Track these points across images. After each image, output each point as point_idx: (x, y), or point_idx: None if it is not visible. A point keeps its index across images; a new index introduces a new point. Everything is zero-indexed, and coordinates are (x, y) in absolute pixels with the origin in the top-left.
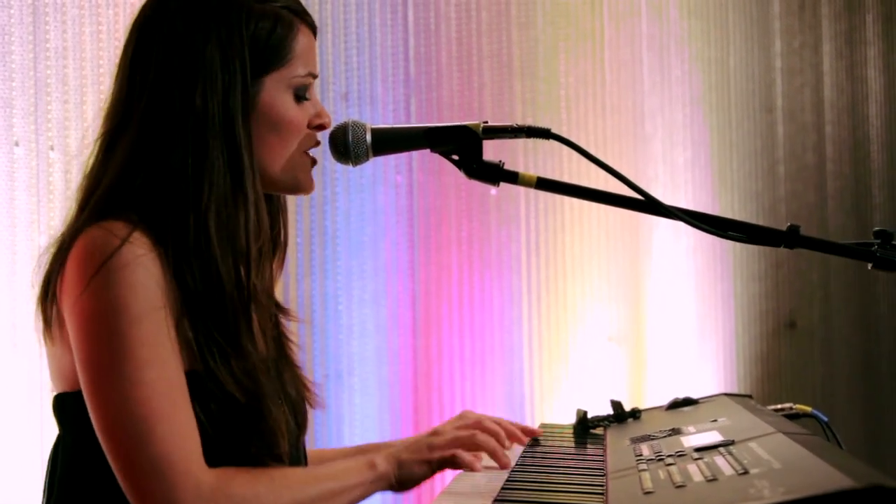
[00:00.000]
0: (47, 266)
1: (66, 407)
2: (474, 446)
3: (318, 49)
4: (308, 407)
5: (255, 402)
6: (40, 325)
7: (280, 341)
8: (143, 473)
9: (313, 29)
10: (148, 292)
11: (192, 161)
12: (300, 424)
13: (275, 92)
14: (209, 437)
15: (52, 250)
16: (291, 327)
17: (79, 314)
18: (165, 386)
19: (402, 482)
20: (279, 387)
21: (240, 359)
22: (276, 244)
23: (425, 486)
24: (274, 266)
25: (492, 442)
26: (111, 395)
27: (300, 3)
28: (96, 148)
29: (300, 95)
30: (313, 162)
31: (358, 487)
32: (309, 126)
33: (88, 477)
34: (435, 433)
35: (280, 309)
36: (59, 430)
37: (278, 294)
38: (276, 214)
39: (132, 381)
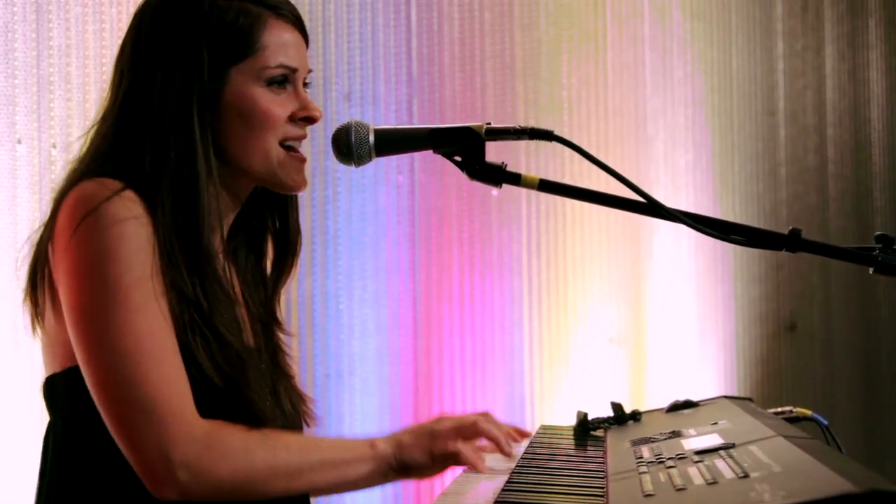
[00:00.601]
0: (32, 252)
1: (57, 389)
2: (477, 434)
3: (319, 48)
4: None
5: (235, 389)
6: (27, 318)
7: (275, 352)
8: (137, 416)
9: (294, 22)
10: (140, 248)
11: (149, 156)
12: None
13: (242, 83)
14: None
15: (36, 236)
16: (293, 329)
17: (71, 260)
18: (157, 330)
19: (403, 466)
20: (269, 385)
21: (218, 343)
22: (283, 249)
23: (424, 489)
24: (281, 268)
25: (494, 430)
26: (104, 340)
27: None
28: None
29: (274, 82)
30: (300, 160)
31: (356, 463)
32: (293, 119)
33: (79, 459)
34: (438, 420)
35: (275, 320)
36: (50, 415)
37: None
38: (275, 211)
39: (125, 322)
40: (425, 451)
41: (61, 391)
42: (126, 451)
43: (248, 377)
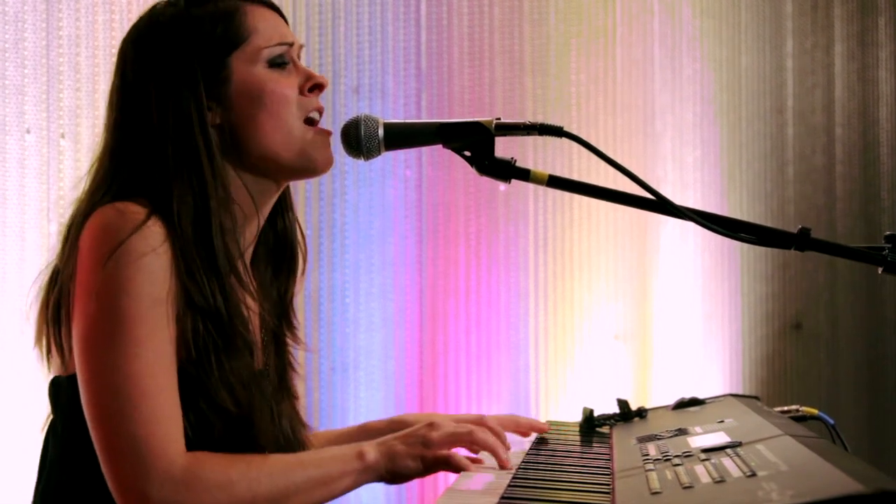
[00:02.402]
0: (45, 289)
1: (60, 391)
2: (471, 444)
3: (329, 41)
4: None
5: (242, 411)
6: (41, 353)
7: (284, 371)
8: (119, 451)
9: (268, 5)
10: (155, 282)
11: (156, 170)
12: None
13: (245, 69)
14: (191, 438)
15: (48, 274)
16: (299, 322)
17: (85, 290)
18: (156, 367)
19: (394, 475)
20: (273, 408)
21: (235, 360)
22: (280, 250)
23: (428, 484)
24: (288, 273)
25: (491, 439)
26: (103, 368)
27: None
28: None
29: (276, 63)
30: (325, 133)
31: (344, 477)
32: (303, 92)
33: (78, 461)
34: (432, 426)
35: (289, 326)
36: (52, 414)
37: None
38: (275, 218)
39: (125, 356)
40: (417, 459)
41: (65, 394)
42: (109, 484)
43: (256, 401)
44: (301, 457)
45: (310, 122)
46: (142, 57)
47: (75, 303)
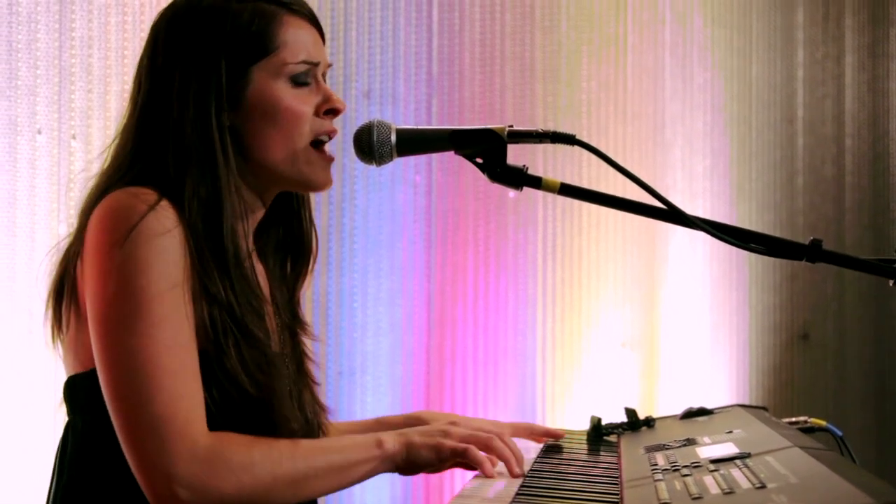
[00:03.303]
0: (59, 265)
1: (78, 388)
2: (489, 449)
3: (340, 46)
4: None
5: (263, 395)
6: (48, 330)
7: (301, 359)
8: (143, 431)
9: (309, 18)
10: (170, 261)
11: (172, 159)
12: None
13: (265, 82)
14: (213, 417)
15: (62, 249)
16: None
17: (101, 272)
18: (176, 346)
19: (409, 465)
20: (295, 393)
21: (249, 347)
22: (293, 247)
23: (433, 488)
24: (298, 271)
25: (507, 451)
26: (122, 349)
27: None
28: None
29: (298, 82)
30: (328, 158)
31: (363, 464)
32: (318, 113)
33: (98, 459)
34: (454, 423)
35: (299, 322)
36: (70, 413)
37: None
38: (291, 217)
39: (145, 335)
40: (433, 451)
41: (83, 391)
42: (132, 465)
43: (276, 383)
44: (322, 442)
45: (317, 143)
46: (173, 39)
47: (88, 285)
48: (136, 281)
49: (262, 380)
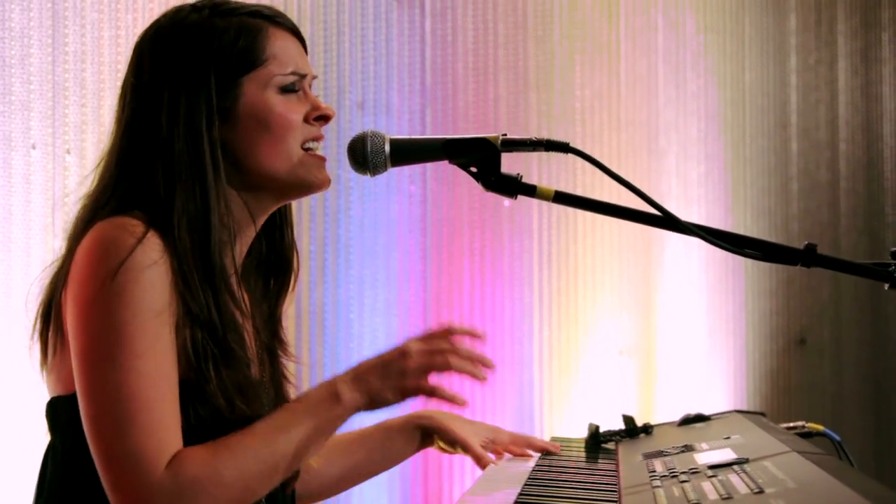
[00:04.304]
0: (47, 289)
1: (59, 411)
2: (447, 370)
3: (334, 57)
4: None
5: (242, 420)
6: (36, 355)
7: (280, 383)
8: (116, 463)
9: (292, 30)
10: (155, 293)
11: (162, 178)
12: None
13: (256, 93)
14: (191, 437)
15: (51, 273)
16: (303, 337)
17: (85, 304)
18: (157, 377)
19: (374, 408)
20: None
21: (230, 370)
22: (275, 264)
23: (432, 488)
24: (279, 288)
25: (467, 364)
26: (103, 381)
27: (272, 9)
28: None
29: (286, 90)
30: (321, 158)
31: (327, 425)
32: (308, 120)
33: (78, 482)
34: (404, 354)
35: (279, 342)
36: (51, 435)
37: (290, 305)
38: (273, 233)
39: (125, 369)
40: (395, 391)
41: (64, 414)
42: (109, 496)
43: (255, 408)
44: (279, 419)
45: (306, 148)
46: (159, 58)
47: (72, 315)
48: (119, 315)
49: (241, 404)
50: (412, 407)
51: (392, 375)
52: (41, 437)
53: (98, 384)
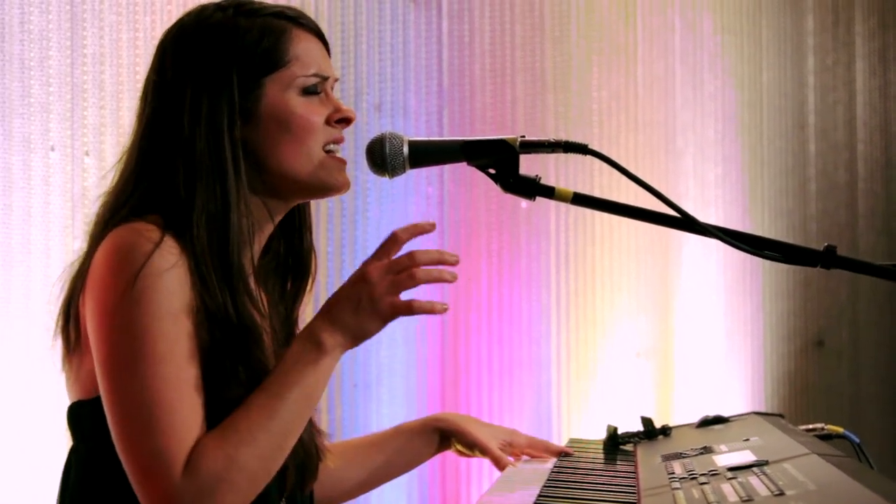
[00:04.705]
0: (68, 286)
1: (82, 415)
2: (416, 283)
3: (351, 59)
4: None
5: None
6: (59, 354)
7: None
8: (143, 466)
9: (316, 32)
10: (174, 296)
11: (183, 178)
12: (310, 470)
13: (278, 94)
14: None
15: (72, 271)
16: None
17: (105, 311)
18: (178, 381)
19: (358, 341)
20: None
21: (248, 368)
22: (294, 267)
23: (450, 489)
24: (296, 290)
25: (434, 272)
26: (126, 386)
27: (296, 10)
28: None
29: (308, 91)
30: (341, 161)
31: (319, 377)
32: (329, 122)
33: (102, 486)
34: (366, 279)
35: None
36: (73, 440)
37: (308, 306)
38: (292, 234)
39: (147, 374)
40: (375, 319)
41: (87, 418)
42: (138, 497)
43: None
44: (273, 389)
45: (327, 151)
46: (182, 56)
47: (92, 321)
48: (139, 320)
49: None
50: (429, 409)
51: (364, 306)
52: (62, 439)
53: (121, 390)
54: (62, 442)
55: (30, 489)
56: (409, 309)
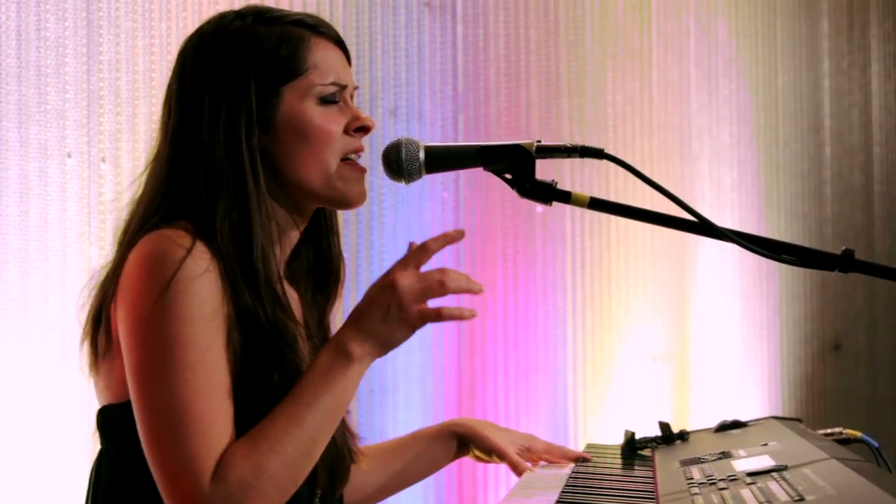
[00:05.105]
0: (97, 293)
1: (112, 419)
2: (445, 293)
3: (366, 64)
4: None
5: None
6: (85, 360)
7: None
8: (171, 474)
9: (336, 40)
10: (205, 303)
11: (204, 185)
12: (341, 473)
13: (296, 102)
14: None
15: (101, 277)
16: None
17: (137, 318)
18: (209, 387)
19: (387, 350)
20: None
21: (283, 372)
22: (323, 271)
23: (467, 492)
24: (327, 294)
25: (463, 283)
26: (157, 393)
27: (316, 18)
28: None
29: (326, 101)
30: (360, 170)
31: (347, 386)
32: (348, 131)
33: (132, 490)
34: (394, 287)
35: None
36: (103, 443)
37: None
38: (319, 240)
39: (178, 381)
40: (404, 327)
41: (116, 422)
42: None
43: None
44: (302, 398)
45: (346, 160)
46: (201, 64)
47: (124, 328)
48: (171, 327)
49: None
50: (445, 414)
51: (393, 313)
52: (82, 444)
53: (152, 397)
54: (80, 444)
55: (51, 493)
56: (439, 316)
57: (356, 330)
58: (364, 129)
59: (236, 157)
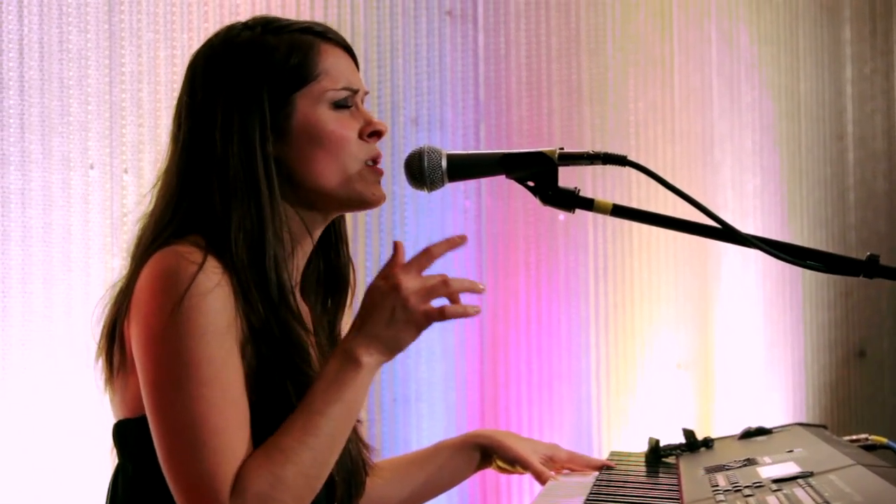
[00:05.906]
0: (111, 308)
1: (128, 434)
2: (448, 294)
3: (387, 73)
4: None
5: None
6: (101, 375)
7: None
8: (188, 489)
9: (344, 46)
10: (219, 318)
11: (218, 196)
12: (357, 483)
13: (309, 109)
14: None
15: (115, 292)
16: None
17: (151, 335)
18: (223, 403)
19: (395, 353)
20: None
21: (296, 384)
22: (333, 281)
23: (490, 494)
24: (337, 304)
25: (466, 282)
26: (173, 409)
27: (323, 25)
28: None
29: (339, 105)
30: (379, 172)
31: (358, 392)
32: (362, 136)
33: (148, 502)
34: (397, 289)
35: None
36: (119, 458)
37: (348, 320)
38: (329, 250)
39: (193, 397)
40: (410, 329)
41: (132, 437)
42: None
43: None
44: (313, 407)
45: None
46: (212, 76)
47: (137, 344)
48: (185, 344)
49: None
50: (468, 423)
51: (398, 316)
52: (104, 457)
53: (168, 413)
54: (103, 458)
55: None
56: (443, 315)
57: (362, 335)
58: (377, 134)
59: (251, 166)
